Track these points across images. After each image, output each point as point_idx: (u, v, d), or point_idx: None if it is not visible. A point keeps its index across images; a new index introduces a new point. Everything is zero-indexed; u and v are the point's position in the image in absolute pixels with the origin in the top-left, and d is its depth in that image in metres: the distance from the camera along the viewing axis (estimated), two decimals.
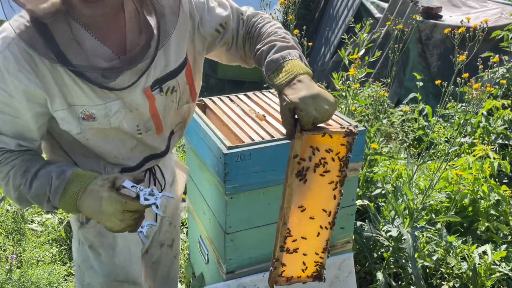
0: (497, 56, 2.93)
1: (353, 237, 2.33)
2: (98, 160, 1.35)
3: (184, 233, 2.94)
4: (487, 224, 2.81)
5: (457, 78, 2.34)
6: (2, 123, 1.19)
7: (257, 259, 1.92)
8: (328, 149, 1.18)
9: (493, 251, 2.56)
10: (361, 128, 1.91)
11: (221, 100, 2.21)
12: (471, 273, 2.48)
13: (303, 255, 1.27)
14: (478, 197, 2.92)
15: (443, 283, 2.60)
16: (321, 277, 1.31)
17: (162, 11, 1.23)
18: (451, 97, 2.51)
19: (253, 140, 1.77)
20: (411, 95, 4.61)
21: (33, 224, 3.10)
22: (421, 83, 4.37)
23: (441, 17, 5.09)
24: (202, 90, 1.52)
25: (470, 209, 2.94)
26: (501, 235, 2.84)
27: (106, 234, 1.48)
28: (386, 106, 3.99)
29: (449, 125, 4.06)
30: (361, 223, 2.63)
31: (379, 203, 2.90)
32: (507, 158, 3.56)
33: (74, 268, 2.63)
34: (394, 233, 2.38)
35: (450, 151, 2.83)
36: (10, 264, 2.68)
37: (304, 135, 1.15)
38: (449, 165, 3.20)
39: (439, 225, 2.75)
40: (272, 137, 1.79)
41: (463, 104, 3.90)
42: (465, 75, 2.33)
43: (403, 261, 2.49)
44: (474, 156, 3.20)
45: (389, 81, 2.99)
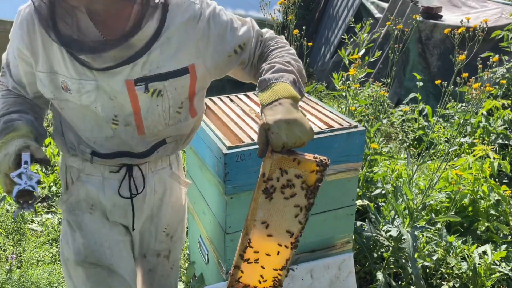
0: (497, 56, 2.92)
1: (353, 237, 2.33)
2: (75, 135, 1.43)
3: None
4: (487, 224, 2.81)
5: (457, 78, 2.34)
6: (12, 65, 1.39)
7: None
8: (297, 175, 1.20)
9: (493, 251, 2.56)
10: (361, 128, 1.91)
11: (221, 100, 2.21)
12: (471, 273, 2.48)
13: (262, 267, 1.28)
14: (478, 197, 2.92)
15: (443, 283, 2.60)
16: None
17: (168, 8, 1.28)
18: (451, 97, 2.51)
19: (253, 140, 1.77)
20: (411, 95, 4.61)
21: (33, 224, 3.10)
22: (421, 83, 4.37)
23: (441, 17, 5.09)
24: None
25: (470, 209, 2.94)
26: (501, 235, 2.84)
27: (75, 212, 1.53)
28: (386, 106, 3.99)
29: (449, 125, 4.06)
30: (361, 223, 2.63)
31: (379, 203, 2.90)
32: (507, 158, 3.56)
33: None
34: (394, 233, 2.38)
35: (450, 151, 2.83)
36: (10, 264, 2.68)
37: (274, 156, 1.17)
38: (449, 165, 3.20)
39: (439, 225, 2.75)
40: None
41: (463, 104, 3.91)
42: (465, 74, 2.33)
43: (403, 261, 2.49)
44: (474, 156, 3.20)
45: (389, 81, 3.00)
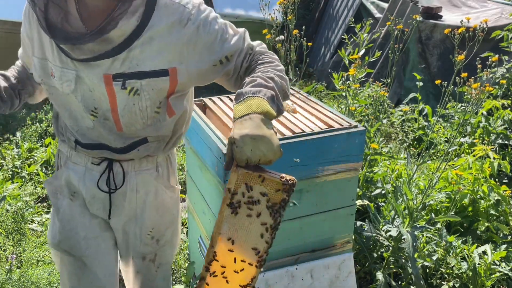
0: (497, 56, 2.92)
1: (353, 237, 2.33)
2: (64, 122, 1.47)
3: (184, 233, 2.94)
4: (487, 224, 2.81)
5: (457, 78, 2.34)
6: (21, 46, 1.48)
7: None
8: (262, 192, 1.18)
9: (493, 251, 2.56)
10: (361, 128, 1.91)
11: (221, 100, 2.21)
12: (471, 273, 2.49)
13: (227, 282, 1.26)
14: (478, 197, 2.93)
15: (443, 283, 2.60)
16: None
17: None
18: (451, 97, 2.51)
19: None
20: (411, 95, 4.61)
21: (33, 224, 3.10)
22: (421, 83, 4.37)
23: (441, 17, 5.09)
24: (202, 90, 1.52)
25: (470, 209, 2.94)
26: (501, 235, 2.84)
27: (57, 195, 1.58)
28: (386, 106, 3.99)
29: (449, 125, 4.06)
30: (361, 223, 2.63)
31: (379, 203, 2.90)
32: (507, 158, 3.56)
33: None
34: (394, 233, 2.38)
35: (450, 151, 2.83)
36: (10, 264, 2.69)
37: (238, 171, 1.16)
38: (449, 165, 3.20)
39: (439, 225, 2.75)
40: None
41: (463, 104, 3.91)
42: (464, 74, 2.33)
43: (403, 261, 2.49)
44: (474, 156, 3.20)
45: (389, 81, 3.00)
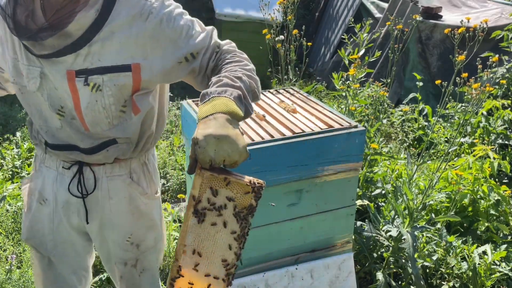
0: (497, 56, 2.92)
1: (353, 237, 2.33)
2: (34, 121, 1.47)
3: None
4: (487, 224, 2.81)
5: (457, 78, 2.34)
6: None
7: (257, 259, 1.93)
8: (229, 197, 1.12)
9: (493, 251, 2.56)
10: (361, 128, 1.91)
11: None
12: (471, 273, 2.49)
13: None
14: (478, 197, 2.93)
15: (443, 283, 2.60)
16: None
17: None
18: (451, 97, 2.51)
19: (253, 140, 1.77)
20: (411, 95, 4.61)
21: None
22: (421, 83, 4.37)
23: (441, 17, 5.09)
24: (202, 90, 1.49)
25: (470, 209, 2.94)
26: (501, 235, 2.84)
27: (30, 196, 1.59)
28: (386, 106, 3.99)
29: (449, 125, 4.06)
30: (361, 223, 2.63)
31: (379, 203, 2.90)
32: (507, 158, 3.56)
33: None
34: (394, 233, 2.38)
35: (450, 151, 2.83)
36: (10, 264, 2.68)
37: (203, 174, 1.09)
38: (449, 165, 3.20)
39: (439, 225, 2.75)
40: (272, 137, 1.79)
41: (463, 104, 3.91)
42: (464, 74, 2.33)
43: (403, 261, 2.49)
44: (474, 156, 3.20)
45: (389, 81, 2.99)
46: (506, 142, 3.63)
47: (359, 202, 2.67)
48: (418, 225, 2.41)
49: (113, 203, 1.53)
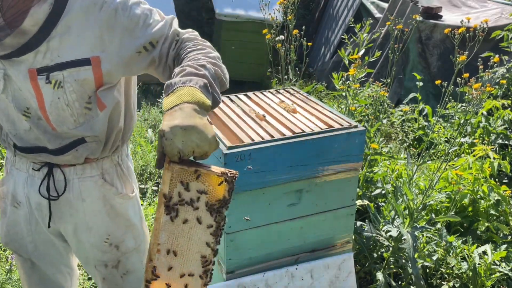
0: (497, 56, 2.93)
1: (353, 237, 2.33)
2: (2, 125, 1.45)
3: None
4: (487, 224, 2.81)
5: (457, 78, 2.34)
6: None
7: (257, 259, 1.93)
8: (201, 190, 1.07)
9: (493, 251, 2.56)
10: (361, 128, 1.91)
11: (221, 100, 2.21)
12: (471, 273, 2.49)
13: None
14: (478, 197, 2.93)
15: (443, 283, 2.60)
16: None
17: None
18: (451, 97, 2.51)
19: (253, 140, 1.77)
20: (411, 95, 4.61)
21: None
22: (421, 83, 4.36)
23: (441, 17, 5.09)
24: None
25: (470, 209, 2.94)
26: (501, 235, 2.84)
27: (4, 200, 1.58)
28: (386, 106, 3.99)
29: (449, 125, 4.06)
30: (361, 223, 2.63)
31: (379, 203, 2.90)
32: (507, 158, 3.56)
33: None
34: (394, 233, 2.38)
35: (450, 151, 2.83)
36: (10, 264, 2.68)
37: (172, 167, 1.04)
38: (449, 165, 3.20)
39: (439, 225, 2.75)
40: (272, 137, 1.79)
41: (463, 104, 3.90)
42: (465, 75, 2.33)
43: (403, 261, 2.49)
44: (474, 156, 3.20)
45: (389, 81, 2.99)
46: (506, 142, 3.63)
47: (359, 202, 2.67)
48: (418, 225, 2.41)
49: (87, 205, 1.50)
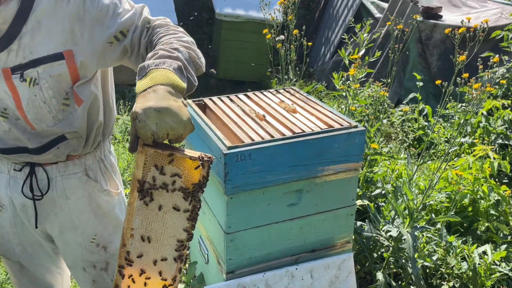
0: (497, 56, 2.93)
1: (353, 237, 2.33)
2: None
3: None
4: (487, 224, 2.81)
5: (457, 78, 2.34)
6: None
7: (257, 259, 1.93)
8: (175, 173, 1.04)
9: (493, 251, 2.56)
10: (361, 128, 1.91)
11: (221, 100, 2.21)
12: (471, 273, 2.49)
13: (145, 285, 1.11)
14: (478, 197, 2.92)
15: (443, 283, 2.60)
16: None
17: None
18: (451, 97, 2.51)
19: (253, 140, 1.77)
20: (411, 95, 4.61)
21: None
22: (421, 83, 4.37)
23: (441, 17, 5.09)
24: (202, 90, 1.46)
25: (470, 209, 2.94)
26: (501, 235, 2.84)
27: None
28: (386, 106, 3.99)
29: (449, 125, 4.06)
30: (361, 223, 2.63)
31: (379, 203, 2.90)
32: (507, 158, 3.56)
33: None
34: (394, 233, 2.38)
35: (450, 151, 2.83)
36: None
37: (146, 150, 1.02)
38: (449, 165, 3.20)
39: (439, 225, 2.75)
40: (272, 137, 1.79)
41: (463, 104, 3.90)
42: (465, 75, 2.33)
43: (403, 261, 2.49)
44: (474, 156, 3.20)
45: (389, 81, 2.99)
46: (506, 142, 3.63)
47: (359, 202, 2.67)
48: (418, 225, 2.41)
49: (72, 203, 1.49)
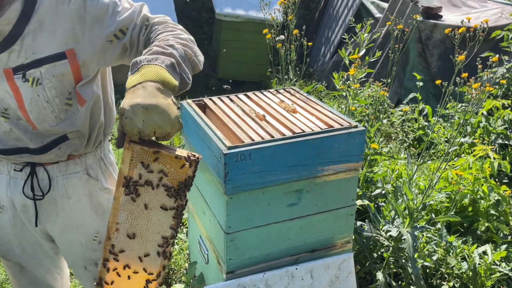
0: (497, 56, 2.93)
1: (353, 237, 2.33)
2: None
3: (184, 233, 2.94)
4: (487, 224, 2.81)
5: (457, 78, 2.34)
6: None
7: (257, 259, 1.93)
8: (161, 171, 1.05)
9: (493, 251, 2.56)
10: (361, 128, 1.91)
11: (221, 100, 2.21)
12: (471, 273, 2.49)
13: (128, 278, 1.12)
14: (478, 197, 2.92)
15: (443, 283, 2.60)
16: None
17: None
18: (451, 97, 2.51)
19: (253, 140, 1.77)
20: (411, 95, 4.61)
21: None
22: (421, 83, 4.37)
23: (441, 17, 5.09)
24: (202, 90, 1.48)
25: (470, 209, 2.94)
26: (501, 235, 2.84)
27: None
28: (386, 106, 3.99)
29: (449, 125, 4.06)
30: (361, 223, 2.63)
31: (379, 203, 2.90)
32: (507, 158, 3.56)
33: None
34: (394, 233, 2.38)
35: (450, 151, 2.83)
36: None
37: (132, 147, 1.03)
38: (449, 165, 3.20)
39: (439, 225, 2.75)
40: (272, 137, 1.79)
41: (463, 104, 3.90)
42: (465, 75, 2.33)
43: (403, 261, 2.49)
44: (474, 156, 3.20)
45: (389, 81, 2.99)
46: (506, 142, 3.63)
47: (359, 202, 2.67)
48: (418, 225, 2.41)
49: (73, 202, 1.49)
